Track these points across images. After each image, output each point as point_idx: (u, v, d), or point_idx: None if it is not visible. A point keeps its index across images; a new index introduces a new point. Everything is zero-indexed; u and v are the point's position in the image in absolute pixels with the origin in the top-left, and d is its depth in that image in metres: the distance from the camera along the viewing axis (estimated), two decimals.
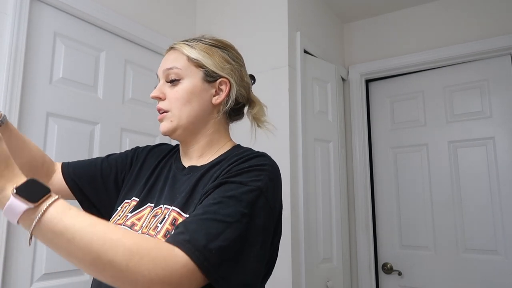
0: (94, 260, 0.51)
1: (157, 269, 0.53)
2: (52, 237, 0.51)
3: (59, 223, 0.51)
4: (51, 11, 1.45)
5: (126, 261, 0.52)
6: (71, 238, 0.51)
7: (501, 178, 1.98)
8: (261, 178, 0.69)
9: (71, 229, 0.51)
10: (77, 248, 0.51)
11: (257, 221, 0.65)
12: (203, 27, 2.12)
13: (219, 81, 0.81)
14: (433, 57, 2.20)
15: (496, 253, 1.95)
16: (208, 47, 0.82)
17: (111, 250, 0.52)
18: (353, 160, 2.34)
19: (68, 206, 0.53)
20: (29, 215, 0.51)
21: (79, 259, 0.52)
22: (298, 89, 1.85)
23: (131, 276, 0.52)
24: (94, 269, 0.52)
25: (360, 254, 2.25)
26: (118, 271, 0.51)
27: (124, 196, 0.85)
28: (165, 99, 0.80)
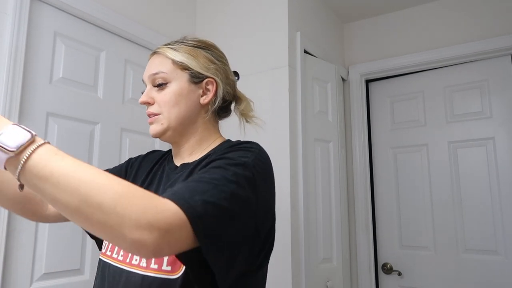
0: (80, 204, 0.49)
1: (146, 213, 0.50)
2: (37, 183, 0.50)
3: (44, 169, 0.50)
4: (51, 10, 1.45)
5: (114, 204, 0.49)
6: (56, 183, 0.49)
7: (501, 178, 1.98)
8: (248, 156, 0.70)
9: (56, 174, 0.50)
10: (63, 192, 0.49)
11: (242, 192, 0.64)
12: (203, 27, 2.12)
13: (206, 81, 0.82)
14: (433, 57, 2.20)
15: (496, 253, 1.95)
16: (192, 48, 0.83)
17: (99, 193, 0.50)
18: (353, 160, 2.34)
19: (54, 151, 0.52)
20: (12, 162, 0.50)
21: (65, 204, 0.50)
22: (298, 89, 1.85)
23: (118, 219, 0.49)
24: (80, 214, 0.50)
25: (360, 254, 2.25)
26: (105, 214, 0.49)
27: None
28: (154, 103, 0.81)
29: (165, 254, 0.54)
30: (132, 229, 0.49)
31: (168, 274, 0.67)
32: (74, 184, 0.50)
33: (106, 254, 0.77)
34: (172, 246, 0.54)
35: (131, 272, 0.70)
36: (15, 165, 0.50)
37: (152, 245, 0.50)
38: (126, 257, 0.73)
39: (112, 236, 0.50)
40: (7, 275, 1.23)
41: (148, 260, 0.69)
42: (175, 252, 0.56)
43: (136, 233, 0.49)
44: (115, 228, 0.49)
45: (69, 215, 0.51)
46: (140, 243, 0.50)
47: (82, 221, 0.51)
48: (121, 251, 0.74)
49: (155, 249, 0.51)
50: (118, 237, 0.50)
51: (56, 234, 1.38)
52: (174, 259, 0.68)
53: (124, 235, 0.49)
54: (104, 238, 0.52)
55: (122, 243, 0.51)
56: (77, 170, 0.51)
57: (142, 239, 0.50)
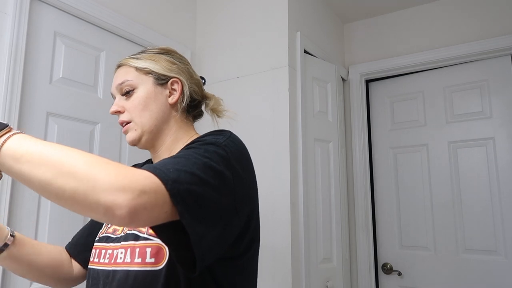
0: (54, 175, 0.50)
1: (118, 176, 0.51)
2: (12, 163, 0.52)
3: (18, 149, 0.52)
4: (51, 11, 1.45)
5: (86, 170, 0.50)
6: (30, 159, 0.51)
7: (501, 178, 1.98)
8: (219, 138, 0.71)
9: (30, 151, 0.52)
10: (37, 166, 0.51)
11: (215, 165, 0.64)
12: (203, 27, 2.12)
13: (170, 82, 0.85)
14: (433, 57, 2.20)
15: (496, 253, 1.95)
16: (152, 55, 0.86)
17: (71, 161, 0.51)
18: (353, 160, 2.34)
19: (29, 137, 0.54)
20: None
21: (40, 179, 0.51)
22: (298, 89, 1.85)
23: (90, 183, 0.50)
24: (54, 186, 0.50)
25: (360, 254, 2.25)
26: (78, 181, 0.49)
27: None
28: (124, 112, 0.83)
29: (143, 219, 0.52)
30: (105, 192, 0.49)
31: (152, 266, 0.69)
32: (47, 157, 0.51)
33: (94, 261, 0.79)
34: (149, 210, 0.52)
35: (116, 271, 0.72)
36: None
37: (127, 206, 0.50)
38: (111, 258, 0.74)
39: (86, 204, 0.50)
40: (7, 275, 1.23)
41: (132, 255, 0.70)
42: (154, 218, 0.54)
43: (109, 196, 0.49)
44: (88, 194, 0.49)
45: (43, 191, 0.52)
46: (113, 205, 0.49)
47: (55, 194, 0.51)
48: (107, 254, 0.76)
49: (130, 211, 0.50)
50: (92, 203, 0.50)
51: (56, 234, 1.38)
52: (157, 251, 0.69)
53: (98, 200, 0.49)
54: (78, 209, 0.51)
55: (96, 209, 0.50)
56: (49, 146, 0.53)
57: (116, 201, 0.49)
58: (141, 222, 0.53)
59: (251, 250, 0.77)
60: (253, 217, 0.76)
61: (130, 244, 0.72)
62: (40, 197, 1.35)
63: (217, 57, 2.02)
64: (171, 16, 1.97)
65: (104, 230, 0.82)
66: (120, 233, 0.77)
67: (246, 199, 0.72)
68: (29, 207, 1.31)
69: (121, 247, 0.74)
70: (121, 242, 0.74)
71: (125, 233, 0.75)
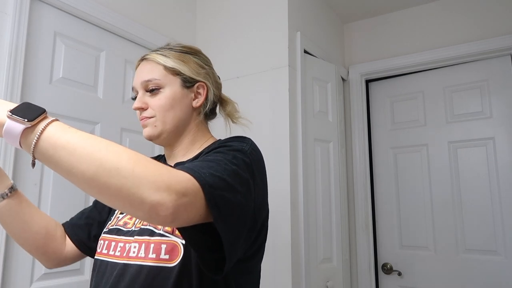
0: (98, 170, 0.49)
1: (163, 176, 0.51)
2: (53, 152, 0.51)
3: (60, 138, 0.51)
4: (51, 10, 1.45)
5: (131, 167, 0.50)
6: (73, 151, 0.50)
7: (501, 178, 1.98)
8: (244, 145, 0.73)
9: (72, 142, 0.51)
10: (79, 159, 0.50)
11: (242, 173, 0.66)
12: (203, 27, 2.12)
13: (197, 85, 0.85)
14: (433, 57, 2.20)
15: (496, 253, 1.95)
16: (181, 54, 0.85)
17: (115, 157, 0.51)
18: (353, 160, 2.34)
19: (67, 126, 0.53)
20: (28, 134, 0.51)
21: (82, 172, 0.50)
22: (298, 89, 1.85)
23: (136, 181, 0.49)
24: (97, 181, 0.49)
25: (360, 254, 2.25)
26: (123, 178, 0.49)
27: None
28: (148, 108, 0.83)
29: (182, 219, 0.53)
30: (151, 191, 0.49)
31: (166, 262, 0.69)
32: (91, 151, 0.50)
33: (102, 252, 0.78)
34: (188, 211, 0.53)
35: (129, 265, 0.72)
36: (30, 137, 0.51)
37: (172, 207, 0.50)
38: (123, 252, 0.74)
39: (130, 201, 0.50)
40: (7, 275, 1.23)
41: (146, 251, 0.71)
42: (190, 219, 0.55)
43: (155, 194, 0.50)
44: (133, 192, 0.49)
45: (85, 185, 0.51)
46: (159, 204, 0.50)
47: (99, 189, 0.50)
48: (118, 247, 0.76)
49: (174, 212, 0.51)
50: (136, 201, 0.49)
51: None
52: (172, 248, 0.70)
53: (143, 198, 0.49)
54: (121, 205, 0.51)
55: (140, 207, 0.50)
56: (91, 139, 0.52)
57: (162, 201, 0.50)
58: (180, 222, 0.54)
59: (259, 253, 0.80)
60: (265, 223, 0.79)
61: (144, 239, 0.72)
62: (40, 196, 1.35)
63: (217, 57, 2.02)
64: (171, 16, 1.97)
65: (114, 222, 0.82)
66: (132, 226, 0.77)
67: (262, 206, 0.75)
68: None
69: (135, 241, 0.74)
70: (135, 237, 0.74)
71: (139, 228, 0.75)
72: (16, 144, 0.52)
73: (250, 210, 0.68)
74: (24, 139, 0.52)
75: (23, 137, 0.52)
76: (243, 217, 0.65)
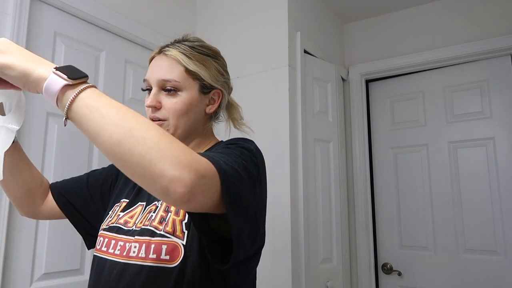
0: (125, 135, 0.51)
1: (186, 154, 0.52)
2: (87, 113, 0.53)
3: (96, 101, 0.54)
4: (51, 11, 1.45)
5: (158, 139, 0.51)
6: (105, 114, 0.52)
7: (501, 178, 1.98)
8: (250, 145, 0.74)
9: (106, 106, 0.53)
10: (110, 122, 0.52)
11: (249, 168, 0.67)
12: (203, 27, 2.12)
13: (213, 92, 0.85)
14: (433, 57, 2.20)
15: (496, 253, 1.95)
16: (203, 57, 0.83)
17: (144, 127, 0.52)
18: (353, 160, 2.34)
19: (102, 93, 0.56)
20: (67, 91, 0.54)
21: (110, 135, 0.51)
22: (298, 89, 1.85)
23: (160, 153, 0.50)
24: (123, 145, 0.51)
25: (360, 254, 2.25)
26: (148, 148, 0.50)
27: (114, 201, 0.89)
28: (161, 108, 0.81)
29: (196, 201, 0.54)
30: (172, 164, 0.50)
31: (166, 263, 0.70)
32: (122, 117, 0.53)
33: (102, 250, 0.78)
34: (204, 194, 0.54)
35: (129, 264, 0.72)
36: (68, 95, 0.54)
37: (190, 185, 0.51)
38: (123, 251, 0.74)
39: (150, 172, 0.50)
40: (7, 275, 1.23)
41: (147, 251, 0.71)
42: (203, 204, 0.56)
43: (176, 169, 0.50)
44: (155, 162, 0.50)
45: (110, 148, 0.52)
46: (178, 180, 0.50)
47: (122, 154, 0.51)
48: (118, 246, 0.76)
49: (191, 191, 0.51)
50: (156, 172, 0.50)
51: (56, 234, 1.38)
52: (172, 248, 0.70)
53: (163, 170, 0.50)
54: (139, 175, 0.52)
55: (158, 180, 0.50)
56: (124, 108, 0.55)
57: (181, 177, 0.50)
58: (193, 205, 0.54)
59: (257, 256, 0.80)
60: (262, 226, 0.79)
61: (145, 240, 0.72)
62: None
63: None
64: (171, 16, 1.97)
65: (115, 220, 0.81)
66: (132, 226, 0.77)
67: (262, 207, 0.76)
68: None
69: (135, 241, 0.74)
70: (135, 237, 0.74)
71: (140, 228, 0.75)
72: (53, 100, 0.55)
73: (254, 205, 0.69)
74: (62, 95, 0.54)
75: (62, 93, 0.54)
76: (250, 209, 0.66)
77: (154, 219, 0.74)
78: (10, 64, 0.56)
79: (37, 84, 0.56)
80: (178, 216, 0.73)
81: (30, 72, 0.56)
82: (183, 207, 0.56)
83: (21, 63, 0.57)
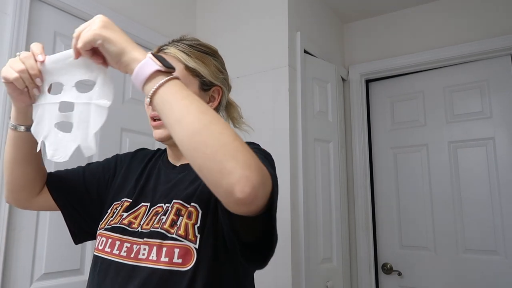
0: (203, 126, 0.54)
1: (254, 157, 0.55)
2: (172, 99, 0.57)
3: (182, 90, 0.58)
4: (51, 10, 1.45)
5: (232, 137, 0.54)
6: (189, 104, 0.56)
7: (501, 178, 1.98)
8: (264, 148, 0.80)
9: (190, 97, 0.58)
10: (192, 112, 0.55)
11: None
12: (203, 27, 2.12)
13: (213, 89, 0.85)
14: (433, 57, 2.20)
15: (496, 253, 1.95)
16: (202, 54, 0.84)
17: (221, 123, 0.55)
18: (353, 160, 2.34)
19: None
20: (157, 76, 0.58)
21: (190, 124, 0.54)
22: (298, 89, 1.85)
23: (235, 151, 0.53)
24: (200, 136, 0.54)
25: (360, 254, 2.25)
26: (223, 144, 0.53)
27: (112, 199, 0.87)
28: None
29: (257, 203, 0.56)
30: (244, 164, 0.52)
31: (178, 266, 0.69)
32: (203, 110, 0.56)
33: (105, 250, 0.77)
34: (262, 198, 0.57)
35: (139, 267, 0.71)
36: (157, 79, 0.58)
37: (257, 187, 0.53)
38: (131, 253, 0.73)
39: (221, 167, 0.52)
40: (7, 275, 1.23)
41: (159, 254, 0.70)
42: (260, 206, 0.58)
43: (246, 169, 0.52)
44: (227, 158, 0.52)
45: (187, 137, 0.55)
46: (247, 180, 0.52)
47: (198, 144, 0.54)
48: (124, 247, 0.74)
49: (256, 193, 0.53)
50: (227, 169, 0.52)
51: (56, 234, 1.38)
52: (185, 252, 0.70)
53: (235, 168, 0.52)
54: (210, 168, 0.53)
55: (228, 176, 0.52)
56: (204, 103, 0.59)
57: (250, 177, 0.52)
58: (253, 207, 0.57)
59: None
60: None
61: (156, 242, 0.71)
62: None
63: None
64: (171, 16, 1.97)
65: (118, 220, 0.80)
66: (137, 227, 0.76)
67: None
68: None
69: (145, 243, 0.72)
70: (144, 239, 0.73)
71: (148, 230, 0.74)
72: (141, 81, 0.59)
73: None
74: (151, 79, 0.58)
75: (152, 77, 0.58)
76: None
77: (165, 222, 0.73)
78: (113, 39, 0.60)
79: (129, 64, 0.60)
80: (191, 220, 0.73)
81: (127, 51, 0.60)
82: (241, 209, 0.57)
83: (121, 41, 0.61)
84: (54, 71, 0.69)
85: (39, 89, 0.70)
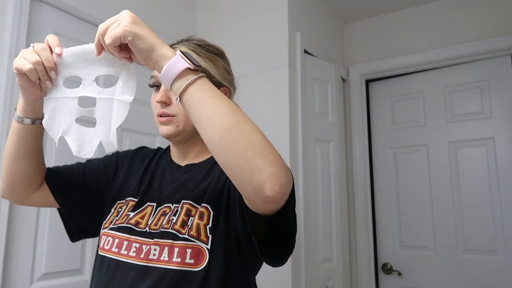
0: (233, 125, 0.55)
1: (280, 157, 0.57)
2: (202, 96, 0.57)
3: (211, 88, 0.59)
4: (51, 11, 1.45)
5: (261, 136, 0.56)
6: (219, 102, 0.57)
7: (501, 178, 1.98)
8: None
9: (219, 96, 0.58)
10: (222, 110, 0.56)
11: None
12: (203, 27, 2.12)
13: (221, 90, 0.84)
14: (433, 57, 2.20)
15: (496, 253, 1.95)
16: (212, 55, 0.84)
17: (250, 122, 0.56)
18: (353, 160, 2.34)
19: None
20: (186, 75, 0.59)
21: (220, 122, 0.55)
22: (298, 89, 1.85)
23: (264, 150, 0.54)
24: (230, 134, 0.54)
25: (360, 254, 2.25)
26: (253, 142, 0.54)
27: (115, 198, 0.86)
28: (171, 104, 0.80)
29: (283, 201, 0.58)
30: (273, 163, 0.54)
31: (191, 266, 0.69)
32: (233, 109, 0.57)
33: (112, 250, 0.76)
34: (286, 196, 0.59)
35: (150, 267, 0.70)
36: (187, 77, 0.58)
37: (285, 186, 0.55)
38: (140, 253, 0.72)
39: (252, 165, 0.53)
40: (7, 275, 1.23)
41: (170, 254, 0.70)
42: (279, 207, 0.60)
43: (275, 168, 0.54)
44: (258, 156, 0.53)
45: (217, 134, 0.55)
46: (277, 178, 0.54)
47: (229, 142, 0.55)
48: (133, 247, 0.73)
49: (285, 192, 0.56)
50: (257, 167, 0.53)
51: (56, 233, 1.38)
52: (197, 252, 0.70)
53: (265, 165, 0.53)
54: (240, 166, 0.54)
55: (258, 174, 0.53)
56: (232, 102, 0.60)
57: (279, 175, 0.54)
58: (279, 205, 0.59)
59: None
60: None
61: (167, 243, 0.71)
62: None
63: None
64: (171, 16, 1.97)
65: (124, 220, 0.78)
66: (144, 227, 0.75)
67: None
68: (29, 207, 1.31)
69: (155, 243, 0.72)
70: (155, 239, 0.72)
71: (158, 230, 0.73)
72: (170, 78, 0.59)
73: None
74: (181, 77, 0.59)
75: (182, 75, 0.59)
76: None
77: (175, 223, 0.73)
78: (143, 35, 0.62)
79: (158, 61, 0.60)
80: (202, 220, 0.73)
81: (156, 48, 0.61)
82: (269, 207, 0.58)
83: (150, 37, 0.62)
84: (71, 64, 0.67)
85: (52, 82, 0.68)
